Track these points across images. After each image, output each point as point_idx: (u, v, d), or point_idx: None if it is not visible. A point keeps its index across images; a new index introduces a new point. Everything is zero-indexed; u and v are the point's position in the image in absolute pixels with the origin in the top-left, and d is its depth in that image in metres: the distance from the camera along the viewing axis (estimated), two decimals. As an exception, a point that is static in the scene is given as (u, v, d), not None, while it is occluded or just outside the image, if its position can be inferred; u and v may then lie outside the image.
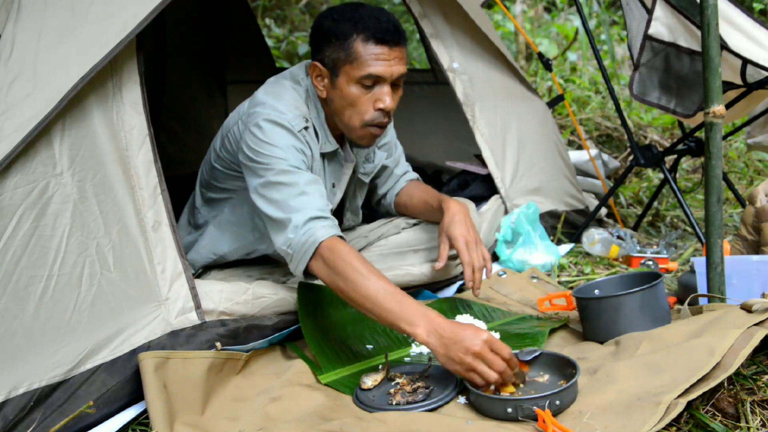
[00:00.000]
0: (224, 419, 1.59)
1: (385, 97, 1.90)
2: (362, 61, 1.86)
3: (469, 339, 1.53)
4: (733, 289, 1.88)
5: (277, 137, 1.87)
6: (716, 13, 1.76)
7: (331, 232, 1.78)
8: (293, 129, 1.90)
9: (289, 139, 1.89)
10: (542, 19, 7.47)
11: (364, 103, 1.91)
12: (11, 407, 1.46)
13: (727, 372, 1.47)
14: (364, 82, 1.89)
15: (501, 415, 1.48)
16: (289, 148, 1.87)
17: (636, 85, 2.74)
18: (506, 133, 2.88)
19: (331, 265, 1.73)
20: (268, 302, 1.88)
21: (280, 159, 1.85)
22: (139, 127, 1.77)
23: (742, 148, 4.32)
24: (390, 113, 1.94)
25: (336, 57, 1.89)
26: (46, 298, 1.54)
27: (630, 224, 3.28)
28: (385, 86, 1.90)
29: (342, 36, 1.88)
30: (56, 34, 1.67)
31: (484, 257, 2.05)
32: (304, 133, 1.94)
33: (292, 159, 1.86)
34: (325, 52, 1.92)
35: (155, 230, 1.76)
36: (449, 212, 2.11)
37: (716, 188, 1.79)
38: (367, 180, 2.28)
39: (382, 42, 1.87)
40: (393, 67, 1.89)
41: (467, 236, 2.06)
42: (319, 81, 1.96)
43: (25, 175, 1.53)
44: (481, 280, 2.04)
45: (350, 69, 1.88)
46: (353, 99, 1.90)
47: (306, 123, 1.95)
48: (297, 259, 1.79)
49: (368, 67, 1.86)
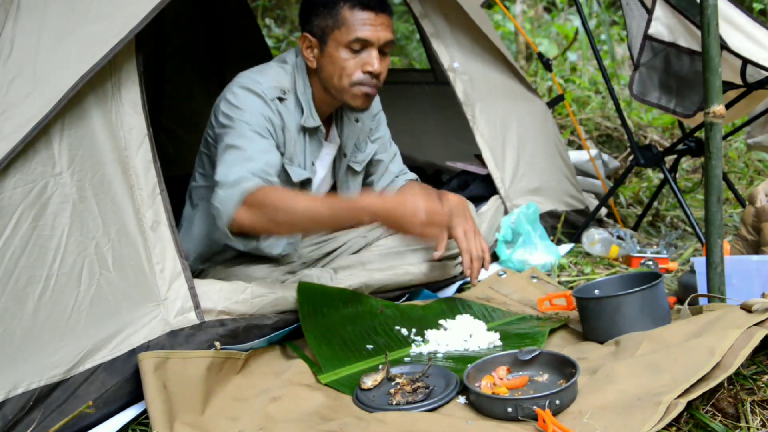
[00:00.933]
0: (224, 419, 1.59)
1: (373, 61, 1.97)
2: (350, 26, 1.95)
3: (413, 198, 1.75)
4: (733, 289, 1.88)
5: (247, 102, 1.96)
6: (716, 13, 1.76)
7: (259, 183, 1.82)
8: (265, 96, 1.97)
9: (258, 104, 1.96)
10: (542, 19, 7.47)
11: (353, 66, 1.98)
12: (10, 407, 1.46)
13: (727, 372, 1.47)
14: (353, 47, 1.96)
15: (501, 415, 1.48)
16: (256, 114, 1.94)
17: (636, 85, 2.74)
18: (506, 133, 2.88)
19: (259, 204, 1.78)
20: (266, 301, 1.88)
21: (244, 122, 1.92)
22: (138, 127, 1.77)
23: (742, 148, 4.32)
24: (379, 77, 2.01)
25: (324, 25, 1.98)
26: (45, 298, 1.54)
27: (630, 224, 3.28)
28: (373, 51, 1.98)
29: (329, 4, 1.97)
30: (56, 34, 1.67)
31: (482, 248, 2.07)
32: (276, 103, 2.00)
33: (255, 124, 1.93)
34: (313, 22, 2.01)
35: (154, 230, 1.76)
36: (448, 203, 2.14)
37: (716, 188, 1.79)
38: (359, 169, 2.30)
39: (368, 8, 1.96)
40: (380, 32, 1.97)
41: (465, 226, 2.10)
42: (309, 52, 2.04)
43: (24, 175, 1.53)
44: (479, 269, 2.06)
45: (338, 35, 1.96)
46: (342, 63, 1.98)
47: (282, 95, 2.02)
48: (223, 212, 1.82)
49: (356, 31, 1.95)
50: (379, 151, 2.36)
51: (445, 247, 2.12)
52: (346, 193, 2.30)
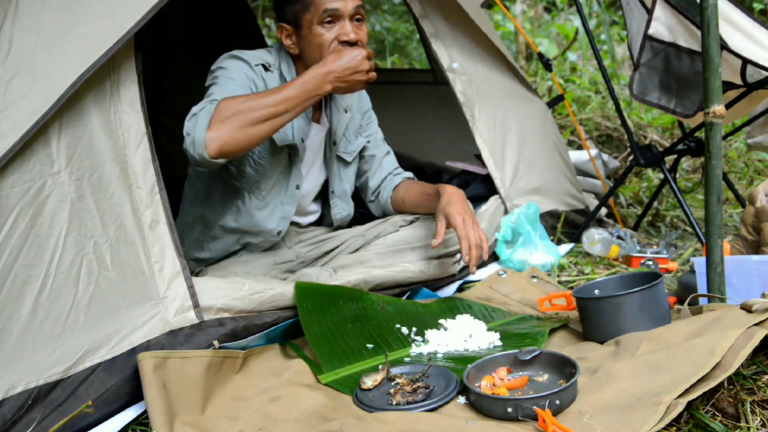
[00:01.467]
0: (224, 419, 1.58)
1: (347, 30, 2.02)
2: (316, 3, 2.00)
3: None
4: (733, 289, 1.88)
5: (232, 63, 2.04)
6: (716, 13, 1.76)
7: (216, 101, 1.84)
8: (249, 62, 2.04)
9: (242, 67, 2.03)
10: (542, 19, 7.47)
11: (329, 38, 2.03)
12: (9, 406, 1.46)
13: (727, 372, 1.46)
14: (324, 20, 2.01)
15: (501, 415, 1.48)
16: (240, 73, 2.01)
17: (636, 85, 2.74)
18: (506, 134, 2.88)
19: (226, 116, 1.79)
20: (265, 297, 1.88)
21: (228, 78, 1.99)
22: (137, 126, 1.77)
23: (742, 148, 4.32)
24: (360, 45, 2.03)
25: (295, 11, 2.05)
26: (43, 297, 1.53)
27: (630, 224, 3.28)
28: (345, 21, 2.02)
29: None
30: (54, 33, 1.66)
31: (481, 237, 2.06)
32: (261, 69, 2.06)
33: (238, 80, 1.99)
34: (285, 12, 2.08)
35: (153, 229, 1.75)
36: (446, 194, 2.15)
37: (716, 188, 1.79)
38: (350, 159, 2.31)
39: None
40: (348, 2, 2.02)
41: (464, 214, 2.09)
42: (288, 40, 2.10)
43: (22, 174, 1.53)
44: (477, 257, 2.05)
45: (309, 15, 2.02)
46: (320, 40, 2.03)
47: (267, 65, 2.08)
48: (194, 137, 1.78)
49: (324, 3, 2.00)
50: (371, 147, 2.38)
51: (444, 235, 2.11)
52: (339, 186, 2.31)
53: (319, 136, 2.23)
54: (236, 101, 1.83)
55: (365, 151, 2.36)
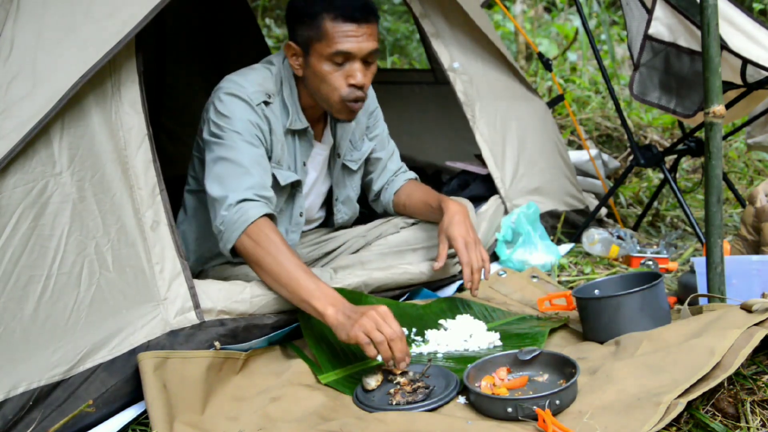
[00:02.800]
0: (224, 419, 1.59)
1: (356, 73, 1.94)
2: (331, 39, 1.91)
3: (367, 308, 1.68)
4: (733, 289, 1.88)
5: (235, 108, 1.94)
6: (716, 13, 1.76)
7: (262, 211, 1.85)
8: (251, 102, 1.96)
9: (246, 111, 1.95)
10: (542, 19, 7.47)
11: (337, 79, 1.95)
12: (10, 406, 1.46)
13: (727, 372, 1.47)
14: (335, 59, 1.93)
15: (501, 415, 1.48)
16: (245, 121, 1.94)
17: (636, 85, 2.74)
18: (506, 133, 2.88)
19: (256, 241, 1.81)
20: (266, 300, 1.88)
21: (234, 132, 1.92)
22: (138, 127, 1.77)
23: (742, 148, 4.32)
24: (364, 89, 1.98)
25: (307, 36, 1.95)
26: (45, 298, 1.54)
27: (630, 224, 3.28)
28: (356, 62, 1.95)
29: (312, 15, 1.92)
30: (55, 34, 1.67)
31: (482, 258, 2.05)
32: (263, 107, 1.99)
33: (245, 132, 1.93)
34: (297, 32, 1.98)
35: (154, 230, 1.76)
36: (449, 212, 2.11)
37: (716, 188, 1.79)
38: (355, 167, 2.29)
39: (351, 19, 1.90)
40: (362, 44, 1.92)
41: (466, 237, 2.06)
42: (294, 60, 2.02)
43: (24, 175, 1.53)
44: (479, 280, 2.04)
45: (320, 47, 1.93)
46: (325, 76, 1.95)
47: (268, 98, 2.00)
48: (227, 237, 1.85)
49: (337, 44, 1.91)
50: (377, 148, 2.35)
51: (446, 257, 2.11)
52: (342, 192, 2.30)
53: (322, 155, 2.21)
54: (276, 241, 1.81)
55: (371, 154, 2.34)
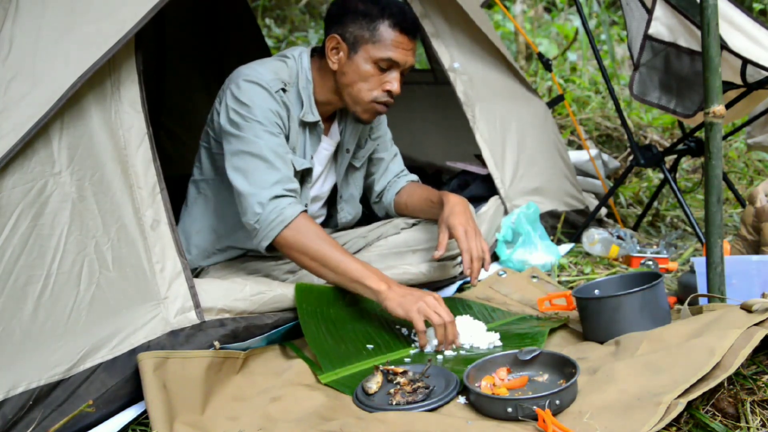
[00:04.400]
0: (224, 419, 1.58)
1: (394, 82, 2.03)
2: (385, 44, 1.99)
3: (420, 291, 1.89)
4: (733, 289, 1.88)
5: (254, 96, 1.97)
6: (716, 13, 1.76)
7: (298, 210, 1.92)
8: (270, 89, 1.99)
9: (266, 99, 1.99)
10: (542, 19, 7.47)
11: (375, 82, 2.03)
12: (10, 406, 1.46)
13: (727, 372, 1.46)
14: (381, 64, 2.01)
15: (501, 415, 1.48)
16: (265, 110, 1.97)
17: (636, 85, 2.74)
18: (506, 133, 2.88)
19: (297, 230, 1.90)
20: (266, 298, 1.88)
21: (256, 121, 1.95)
22: (138, 126, 1.77)
23: (742, 148, 4.32)
24: (394, 97, 2.06)
25: (359, 34, 2.00)
26: (44, 297, 1.53)
27: (630, 224, 3.28)
28: (397, 72, 2.03)
29: (370, 16, 2.00)
30: (55, 33, 1.66)
31: (483, 248, 2.06)
32: (281, 93, 2.03)
33: (266, 121, 1.97)
34: (348, 27, 2.02)
35: (154, 229, 1.76)
36: (449, 203, 2.13)
37: (716, 188, 1.79)
38: (359, 165, 2.31)
39: (406, 32, 2.01)
40: (409, 57, 2.04)
41: (466, 225, 2.08)
42: (334, 53, 2.05)
43: (23, 174, 1.53)
44: (479, 269, 2.05)
45: (371, 48, 2.00)
46: (366, 76, 2.02)
47: (284, 86, 2.04)
48: (263, 235, 1.91)
49: (389, 51, 2.00)
50: (380, 149, 2.37)
51: (446, 247, 2.12)
52: (347, 191, 2.31)
53: (329, 150, 2.23)
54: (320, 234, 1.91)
55: (374, 154, 2.36)
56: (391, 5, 2.01)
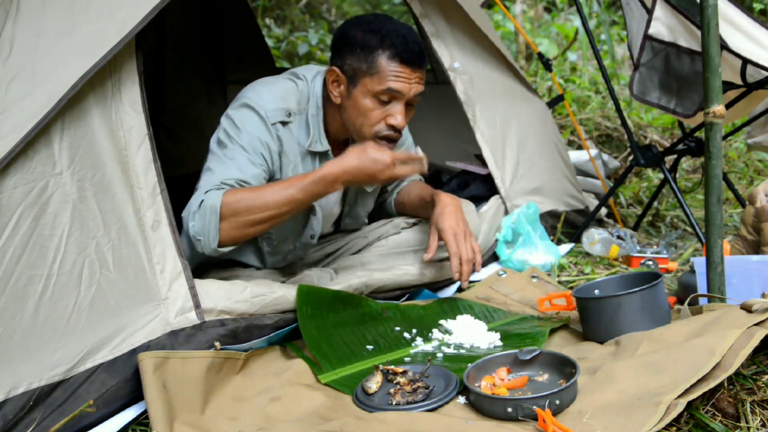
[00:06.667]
0: (224, 419, 1.59)
1: (397, 115, 1.94)
2: (383, 76, 1.90)
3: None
4: (733, 289, 1.88)
5: (247, 121, 1.93)
6: (716, 13, 1.76)
7: (220, 194, 1.82)
8: (267, 120, 1.94)
9: (258, 127, 1.93)
10: (542, 19, 7.47)
11: (376, 116, 1.94)
12: (11, 407, 1.46)
13: (727, 372, 1.47)
14: (381, 97, 1.92)
15: (501, 415, 1.48)
16: (254, 138, 1.92)
17: (636, 85, 2.74)
18: (506, 133, 2.88)
19: (233, 213, 1.80)
20: (267, 300, 1.88)
21: (239, 146, 1.90)
22: (138, 127, 1.77)
23: (742, 148, 4.32)
24: (401, 130, 1.97)
25: (357, 67, 1.92)
26: (45, 298, 1.53)
27: (630, 224, 3.28)
28: (400, 104, 1.94)
29: (367, 48, 1.91)
30: (55, 34, 1.67)
31: (473, 249, 2.05)
32: (278, 126, 1.96)
33: (250, 149, 1.91)
34: (346, 60, 1.94)
35: (154, 230, 1.76)
36: (440, 204, 2.12)
37: (716, 188, 1.79)
38: (370, 189, 2.28)
39: (406, 62, 1.91)
40: (413, 86, 1.94)
41: (455, 228, 2.06)
42: (335, 86, 1.98)
43: (24, 175, 1.53)
44: (469, 272, 2.05)
45: (369, 81, 1.91)
46: (366, 110, 1.94)
47: (287, 117, 1.98)
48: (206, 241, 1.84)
49: (388, 82, 1.91)
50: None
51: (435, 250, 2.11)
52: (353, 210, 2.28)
53: None
54: (244, 196, 1.81)
55: None
56: (391, 34, 1.91)
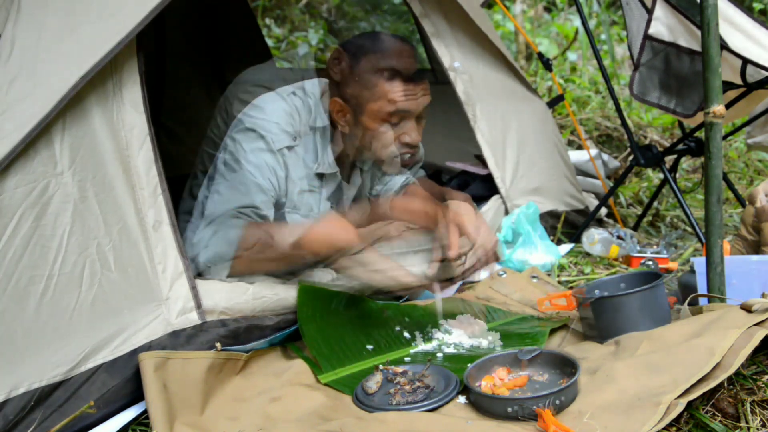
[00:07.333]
0: (224, 419, 1.59)
1: (411, 132, 1.92)
2: (389, 99, 1.87)
3: None
4: (733, 289, 1.88)
5: (255, 149, 1.90)
6: (716, 13, 1.76)
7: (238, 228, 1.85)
8: (273, 146, 1.91)
9: (265, 154, 1.90)
10: (542, 19, 7.46)
11: (390, 138, 1.93)
12: (11, 407, 1.46)
13: (727, 372, 1.47)
14: (391, 119, 1.90)
15: (501, 415, 1.48)
16: (261, 163, 1.90)
17: (636, 85, 2.74)
18: (506, 133, 2.88)
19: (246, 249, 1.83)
20: (268, 302, 1.88)
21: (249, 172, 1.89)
22: (140, 127, 1.77)
23: (742, 148, 4.32)
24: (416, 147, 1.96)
25: (359, 95, 1.90)
26: (46, 298, 1.54)
27: (630, 224, 3.28)
28: (411, 121, 1.92)
29: (364, 74, 1.88)
30: (56, 34, 1.67)
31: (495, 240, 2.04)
32: (284, 152, 1.93)
33: (259, 176, 1.89)
34: (347, 90, 1.92)
35: (156, 230, 1.76)
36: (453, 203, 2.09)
37: (716, 188, 1.79)
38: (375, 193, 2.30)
39: (408, 80, 1.88)
40: (419, 100, 1.91)
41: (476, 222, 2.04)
42: (340, 116, 1.96)
43: (25, 175, 1.53)
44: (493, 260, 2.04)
45: (375, 106, 1.88)
46: (379, 135, 1.92)
47: (292, 142, 1.94)
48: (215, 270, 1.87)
49: (395, 104, 1.88)
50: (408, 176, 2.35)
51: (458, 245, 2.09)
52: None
53: (349, 195, 2.19)
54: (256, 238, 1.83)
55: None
56: (385, 55, 1.88)
